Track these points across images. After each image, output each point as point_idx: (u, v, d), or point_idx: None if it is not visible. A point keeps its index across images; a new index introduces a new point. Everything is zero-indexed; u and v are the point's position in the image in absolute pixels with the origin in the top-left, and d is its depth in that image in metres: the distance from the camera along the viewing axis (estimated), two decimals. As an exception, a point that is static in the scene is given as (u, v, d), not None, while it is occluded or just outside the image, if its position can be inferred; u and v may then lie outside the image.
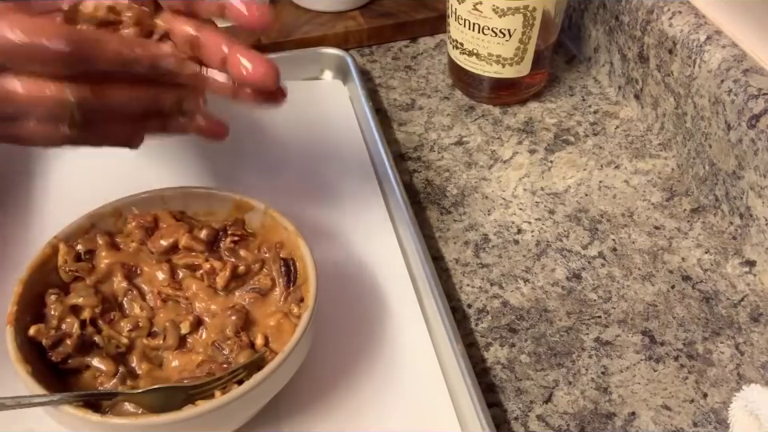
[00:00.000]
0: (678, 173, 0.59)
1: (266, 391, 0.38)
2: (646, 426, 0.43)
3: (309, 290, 0.41)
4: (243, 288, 0.44)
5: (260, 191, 0.47)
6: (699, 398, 0.45)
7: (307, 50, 0.68)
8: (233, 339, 0.41)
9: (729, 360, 0.47)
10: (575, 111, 0.65)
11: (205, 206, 0.46)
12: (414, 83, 0.68)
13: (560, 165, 0.60)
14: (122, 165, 0.53)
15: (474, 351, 0.47)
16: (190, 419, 0.35)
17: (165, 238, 0.44)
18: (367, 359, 0.45)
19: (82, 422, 0.35)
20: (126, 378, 0.40)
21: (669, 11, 0.57)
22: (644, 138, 0.62)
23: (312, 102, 0.64)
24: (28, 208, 0.53)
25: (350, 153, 0.59)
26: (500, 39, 0.60)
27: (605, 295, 0.50)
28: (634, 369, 0.46)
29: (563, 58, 0.71)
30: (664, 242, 0.54)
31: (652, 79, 0.60)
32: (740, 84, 0.50)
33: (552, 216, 0.56)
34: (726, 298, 0.50)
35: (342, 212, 0.54)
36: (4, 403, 0.34)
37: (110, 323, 0.42)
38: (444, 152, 0.61)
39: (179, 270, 0.44)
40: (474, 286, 0.51)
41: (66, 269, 0.42)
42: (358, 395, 0.43)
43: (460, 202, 0.57)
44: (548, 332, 0.48)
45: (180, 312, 0.43)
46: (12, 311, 0.38)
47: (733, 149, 0.52)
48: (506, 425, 0.43)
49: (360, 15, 0.72)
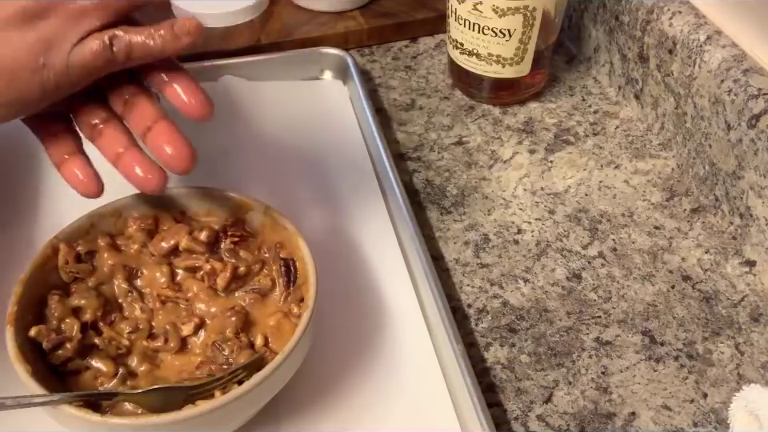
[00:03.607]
0: (677, 173, 0.59)
1: (266, 391, 0.38)
2: (645, 426, 0.43)
3: (309, 290, 0.41)
4: (243, 288, 0.44)
5: (260, 191, 0.47)
6: (699, 398, 0.45)
7: (307, 50, 0.68)
8: (233, 340, 0.41)
9: (729, 360, 0.47)
10: (575, 111, 0.65)
11: (205, 206, 0.46)
12: (414, 83, 0.68)
13: (560, 165, 0.60)
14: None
15: (474, 351, 0.47)
16: (190, 419, 0.35)
17: (166, 240, 0.44)
18: (367, 359, 0.45)
19: (82, 421, 0.35)
20: (126, 378, 0.40)
21: (669, 11, 0.57)
22: (644, 137, 0.62)
23: (312, 102, 0.64)
24: (28, 208, 0.53)
25: (350, 153, 0.59)
26: (500, 39, 0.60)
27: (605, 295, 0.50)
28: (634, 369, 0.46)
29: (563, 58, 0.71)
30: (664, 242, 0.54)
31: (652, 79, 0.61)
32: (740, 84, 0.50)
33: (552, 216, 0.56)
34: (726, 298, 0.50)
35: (342, 212, 0.54)
36: (4, 403, 0.34)
37: (111, 325, 0.42)
38: (444, 152, 0.61)
39: (180, 272, 0.44)
40: (474, 286, 0.51)
41: (66, 269, 0.42)
42: (358, 395, 0.43)
43: (460, 202, 0.57)
44: (548, 332, 0.48)
45: (180, 314, 0.43)
46: (12, 311, 0.38)
47: (733, 149, 0.52)
48: (506, 425, 0.43)
49: (360, 15, 0.72)
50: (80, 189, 0.41)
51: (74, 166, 0.41)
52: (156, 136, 0.39)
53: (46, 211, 0.53)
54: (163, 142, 0.39)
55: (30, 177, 0.55)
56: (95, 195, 0.41)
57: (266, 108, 0.62)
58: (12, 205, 0.53)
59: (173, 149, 0.39)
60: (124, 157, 0.40)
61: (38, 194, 0.54)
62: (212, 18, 0.69)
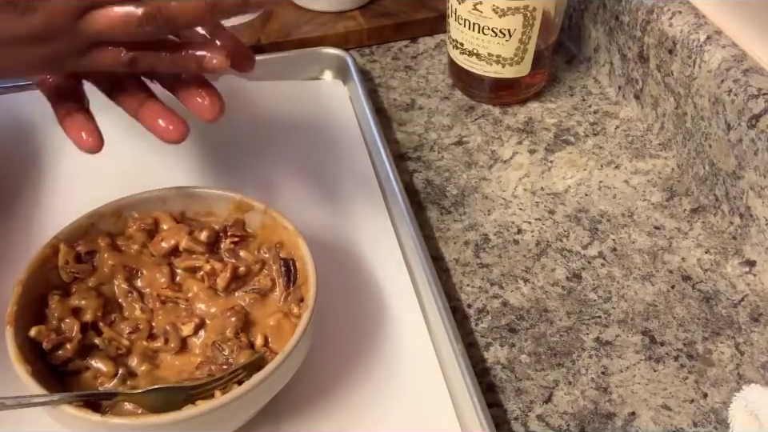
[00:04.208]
0: (678, 173, 0.59)
1: (266, 391, 0.38)
2: (645, 426, 0.43)
3: (309, 290, 0.41)
4: (243, 289, 0.44)
5: (260, 191, 0.47)
6: (699, 398, 0.45)
7: (307, 50, 0.68)
8: (233, 340, 0.41)
9: (729, 360, 0.47)
10: (575, 111, 0.65)
11: (205, 207, 0.46)
12: (414, 83, 0.68)
13: (560, 165, 0.60)
14: (122, 165, 0.53)
15: (474, 351, 0.47)
16: (190, 419, 0.35)
17: (166, 240, 0.44)
18: (367, 359, 0.45)
19: (82, 421, 0.35)
20: (126, 378, 0.40)
21: (669, 11, 0.57)
22: (644, 138, 0.62)
23: (312, 102, 0.64)
24: (28, 208, 0.53)
25: (350, 153, 0.59)
26: (500, 39, 0.60)
27: (605, 295, 0.50)
28: (634, 369, 0.46)
29: (563, 58, 0.71)
30: (664, 242, 0.54)
31: (652, 79, 0.61)
32: (740, 84, 0.50)
33: (552, 216, 0.56)
34: (726, 298, 0.50)
35: (342, 212, 0.54)
36: (4, 403, 0.34)
37: (111, 325, 0.42)
38: (444, 152, 0.61)
39: (180, 272, 0.44)
40: (474, 286, 0.51)
41: (67, 269, 0.42)
42: (358, 395, 0.43)
43: (460, 202, 0.57)
44: (548, 332, 0.48)
45: (180, 314, 0.43)
46: (12, 311, 0.38)
47: (733, 149, 0.52)
48: (506, 425, 0.43)
49: (360, 15, 0.72)
50: (80, 144, 0.41)
51: (76, 120, 0.41)
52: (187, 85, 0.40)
53: (46, 211, 0.53)
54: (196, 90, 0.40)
55: (30, 177, 0.55)
56: (95, 149, 0.41)
57: (266, 108, 0.62)
58: (12, 205, 0.53)
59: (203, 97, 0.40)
60: (144, 107, 0.40)
61: (38, 194, 0.54)
62: (212, 18, 0.69)
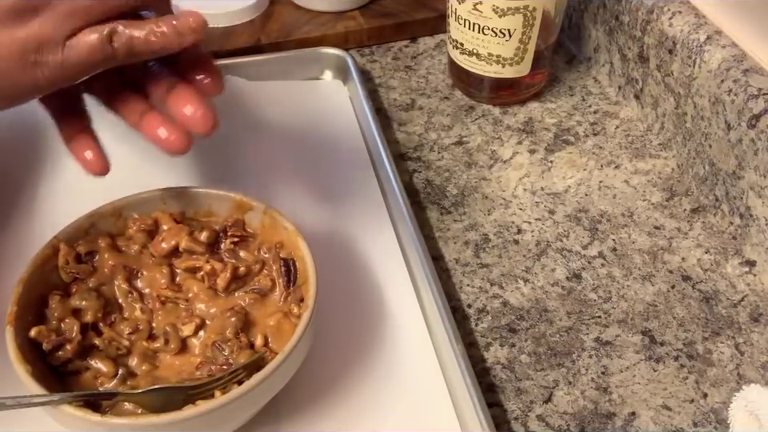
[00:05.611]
0: (678, 173, 0.59)
1: (266, 391, 0.38)
2: (645, 426, 0.43)
3: (309, 290, 0.41)
4: (243, 289, 0.44)
5: (260, 191, 0.47)
6: (699, 398, 0.45)
7: (307, 50, 0.68)
8: (233, 340, 0.41)
9: (729, 360, 0.47)
10: (575, 111, 0.65)
11: (204, 207, 0.46)
12: (414, 83, 0.68)
13: (560, 165, 0.60)
14: (122, 165, 0.53)
15: (474, 351, 0.47)
16: (190, 419, 0.35)
17: (166, 240, 0.44)
18: (367, 359, 0.45)
19: (82, 421, 0.35)
20: (126, 378, 0.40)
21: (669, 11, 0.57)
22: (644, 138, 0.62)
23: (312, 102, 0.64)
24: (28, 208, 0.53)
25: (350, 153, 0.59)
26: (500, 39, 0.60)
27: (605, 295, 0.50)
28: (634, 369, 0.46)
29: (563, 58, 0.71)
30: (664, 242, 0.54)
31: (652, 79, 0.61)
32: (740, 84, 0.50)
33: (552, 216, 0.56)
34: (726, 298, 0.50)
35: (342, 212, 0.54)
36: (4, 403, 0.34)
37: (111, 325, 0.42)
38: (444, 152, 0.61)
39: (180, 272, 0.44)
40: (474, 286, 0.51)
41: (67, 270, 0.42)
42: (357, 395, 0.43)
43: (460, 202, 0.57)
44: (548, 332, 0.48)
45: (180, 314, 0.43)
46: (12, 311, 0.38)
47: (733, 149, 0.52)
48: (506, 425, 0.43)
49: (360, 15, 0.72)
50: (87, 168, 0.41)
51: (83, 142, 0.41)
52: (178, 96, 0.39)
53: (46, 211, 0.53)
54: (186, 102, 0.38)
55: (30, 177, 0.55)
56: (102, 173, 0.41)
57: (266, 108, 0.62)
58: (12, 205, 0.53)
59: (194, 109, 0.38)
60: (146, 118, 0.40)
61: (38, 194, 0.54)
62: (212, 17, 0.69)
